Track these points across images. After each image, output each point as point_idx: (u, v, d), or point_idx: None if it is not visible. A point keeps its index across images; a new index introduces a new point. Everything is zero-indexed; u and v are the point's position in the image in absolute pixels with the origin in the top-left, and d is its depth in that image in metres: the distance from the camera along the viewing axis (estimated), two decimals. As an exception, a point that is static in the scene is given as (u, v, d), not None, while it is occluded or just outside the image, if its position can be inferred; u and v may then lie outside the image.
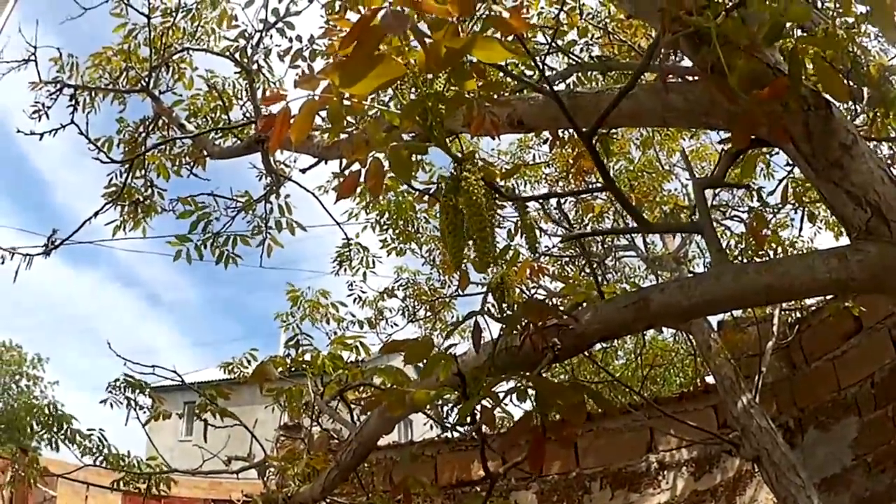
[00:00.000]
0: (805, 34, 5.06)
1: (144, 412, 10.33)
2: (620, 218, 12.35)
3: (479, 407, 3.21)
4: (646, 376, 15.07)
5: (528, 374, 3.21)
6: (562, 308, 3.69)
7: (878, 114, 5.95)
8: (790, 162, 5.25)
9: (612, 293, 4.91)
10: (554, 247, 12.86)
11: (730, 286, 3.60)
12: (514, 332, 3.32)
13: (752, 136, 3.72)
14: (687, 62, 3.94)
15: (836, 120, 3.49)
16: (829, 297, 9.98)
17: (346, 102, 2.72)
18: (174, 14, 10.11)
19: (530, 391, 3.17)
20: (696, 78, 3.75)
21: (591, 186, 10.06)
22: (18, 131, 9.60)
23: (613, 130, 9.26)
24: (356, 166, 3.01)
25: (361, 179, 3.01)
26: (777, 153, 8.25)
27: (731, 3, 3.23)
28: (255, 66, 9.63)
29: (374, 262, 12.60)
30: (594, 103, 3.98)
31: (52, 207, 79.99)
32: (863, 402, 10.04)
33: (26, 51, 9.58)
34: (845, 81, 5.02)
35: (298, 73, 8.68)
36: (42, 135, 9.61)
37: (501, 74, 4.06)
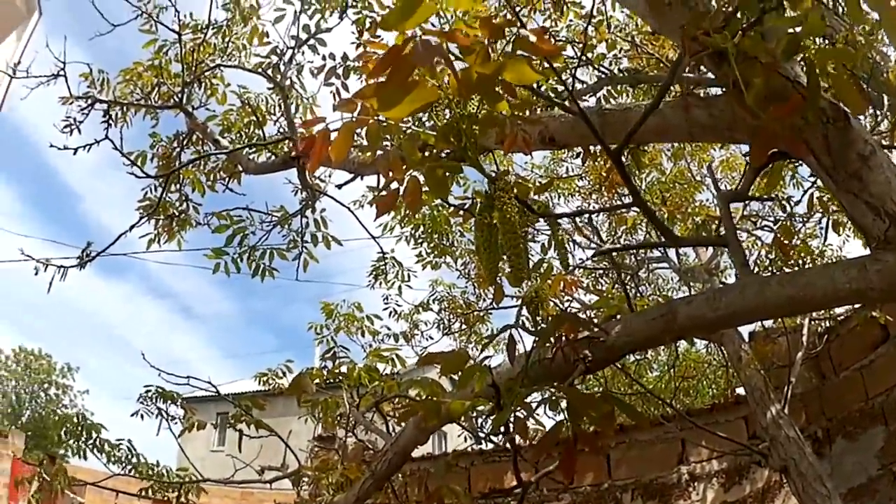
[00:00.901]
0: (826, 42, 5.14)
1: (176, 423, 10.46)
2: (653, 230, 12.38)
3: (512, 417, 3.30)
4: (678, 388, 15.08)
5: (560, 385, 3.30)
6: (593, 321, 3.77)
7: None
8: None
9: (644, 306, 5.01)
10: (587, 260, 12.88)
11: (754, 298, 3.68)
12: (547, 344, 3.40)
13: (774, 150, 3.79)
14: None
15: (855, 131, 3.56)
16: (856, 307, 9.98)
17: (382, 123, 2.82)
18: (205, 31, 10.19)
19: (562, 402, 3.25)
20: (721, 93, 3.83)
21: (621, 201, 10.12)
22: (51, 146, 9.63)
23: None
24: (394, 184, 3.10)
25: (399, 196, 3.11)
26: (802, 163, 8.35)
27: (747, 22, 3.31)
28: (287, 83, 9.75)
29: (409, 276, 12.68)
30: (622, 120, 4.08)
31: (81, 219, 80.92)
32: (889, 411, 10.03)
33: (55, 66, 9.67)
34: (865, 88, 5.07)
35: (332, 90, 8.80)
36: (76, 150, 9.70)
37: (531, 93, 4.14)
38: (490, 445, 12.52)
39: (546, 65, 3.19)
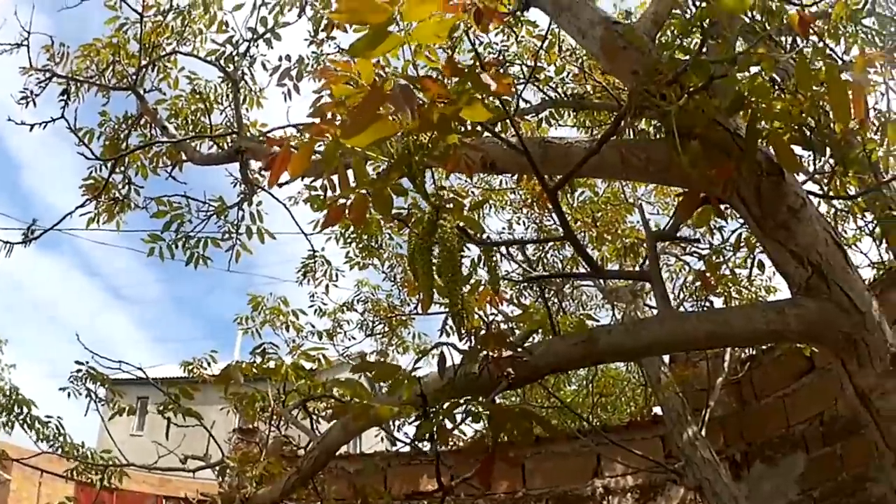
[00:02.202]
0: (775, 88, 5.38)
1: (103, 404, 10.49)
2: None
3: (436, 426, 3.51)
4: (596, 403, 15.32)
5: (483, 398, 3.51)
6: (518, 340, 3.98)
7: (837, 172, 6.23)
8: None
9: (568, 323, 5.25)
10: (511, 273, 13.07)
11: (673, 332, 3.91)
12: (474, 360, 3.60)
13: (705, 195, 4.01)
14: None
15: (787, 185, 3.79)
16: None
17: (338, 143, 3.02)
18: (165, 15, 10.26)
19: (484, 415, 3.46)
20: (659, 137, 4.04)
21: (552, 217, 10.33)
22: (9, 119, 9.73)
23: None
24: (340, 197, 3.29)
25: (345, 211, 3.29)
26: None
27: (694, 87, 3.53)
28: (239, 74, 9.84)
29: (337, 276, 12.81)
30: (563, 154, 4.27)
31: (21, 189, 79.58)
32: (811, 440, 10.22)
33: (19, 35, 9.76)
34: (809, 136, 5.31)
35: (284, 91, 8.91)
36: (32, 126, 9.79)
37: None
38: (406, 448, 12.74)
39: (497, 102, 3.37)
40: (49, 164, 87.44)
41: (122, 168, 10.24)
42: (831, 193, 6.57)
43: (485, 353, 3.51)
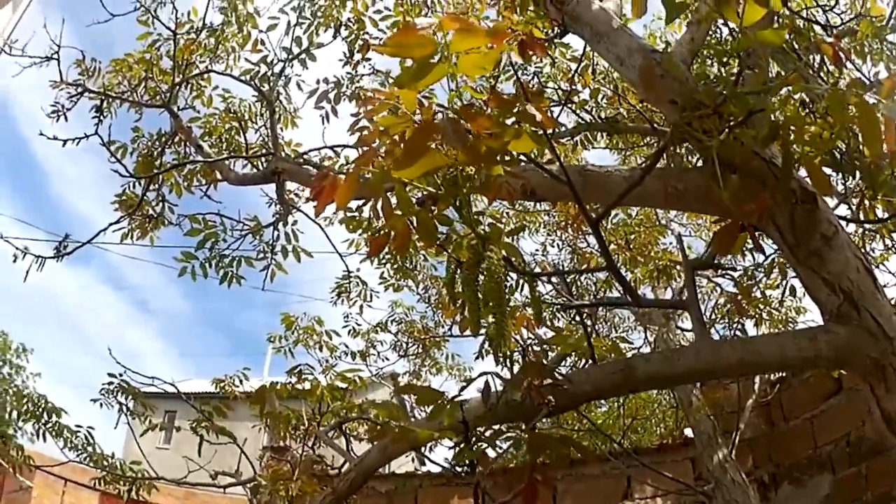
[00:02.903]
0: (807, 110, 5.41)
1: (133, 417, 10.58)
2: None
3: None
4: (627, 426, 15.30)
5: (524, 425, 3.56)
6: (552, 363, 4.02)
7: (867, 195, 6.24)
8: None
9: (602, 346, 5.27)
10: (546, 293, 13.06)
11: (708, 360, 3.96)
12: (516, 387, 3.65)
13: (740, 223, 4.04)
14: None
15: (821, 212, 3.82)
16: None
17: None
18: (198, 33, 10.35)
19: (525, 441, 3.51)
20: (698, 165, 4.08)
21: (586, 240, 10.37)
22: (41, 134, 9.73)
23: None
24: (385, 227, 3.34)
25: (389, 240, 3.34)
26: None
27: (734, 121, 3.57)
28: (274, 95, 9.92)
29: (371, 296, 12.69)
30: (603, 183, 4.32)
31: (48, 198, 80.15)
32: (837, 461, 10.26)
33: (49, 49, 9.89)
34: (840, 159, 5.32)
35: (321, 113, 8.98)
36: (65, 142, 9.83)
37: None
38: (437, 469, 12.74)
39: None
40: (76, 173, 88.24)
41: (156, 185, 10.32)
42: (861, 216, 6.58)
43: (527, 381, 3.55)
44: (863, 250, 3.98)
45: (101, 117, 9.95)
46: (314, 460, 8.68)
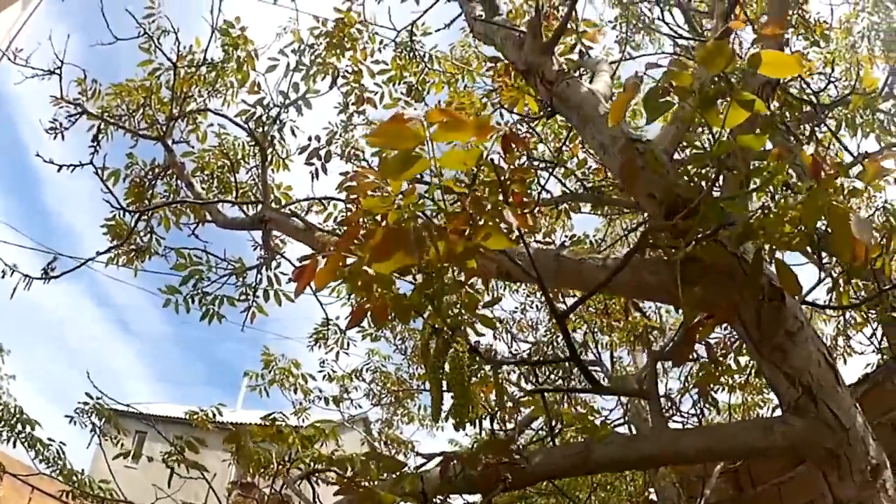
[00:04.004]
0: (786, 191, 5.57)
1: (105, 438, 10.66)
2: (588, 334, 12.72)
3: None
4: (597, 484, 15.37)
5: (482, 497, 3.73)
6: (521, 423, 4.19)
7: (842, 281, 6.38)
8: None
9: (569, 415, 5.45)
10: (522, 351, 13.16)
11: (665, 449, 4.10)
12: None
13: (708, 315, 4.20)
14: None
15: (787, 309, 3.97)
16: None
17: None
18: (198, 66, 10.59)
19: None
20: (666, 258, 4.23)
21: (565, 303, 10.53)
22: (37, 155, 9.84)
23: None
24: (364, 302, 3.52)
25: (366, 312, 3.51)
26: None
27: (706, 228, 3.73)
28: (268, 140, 10.10)
29: (348, 344, 12.84)
30: (576, 270, 4.50)
31: (40, 206, 79.94)
32: (804, 524, 10.38)
33: (53, 62, 10.09)
34: (817, 241, 5.44)
35: (311, 170, 9.16)
36: (60, 167, 9.98)
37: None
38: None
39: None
40: (70, 185, 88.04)
41: (146, 218, 10.47)
42: (835, 299, 6.73)
43: (484, 459, 3.72)
44: (828, 348, 4.06)
45: (98, 146, 10.11)
46: (280, 500, 8.76)
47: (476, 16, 7.27)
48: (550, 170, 9.26)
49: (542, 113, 7.62)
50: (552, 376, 12.54)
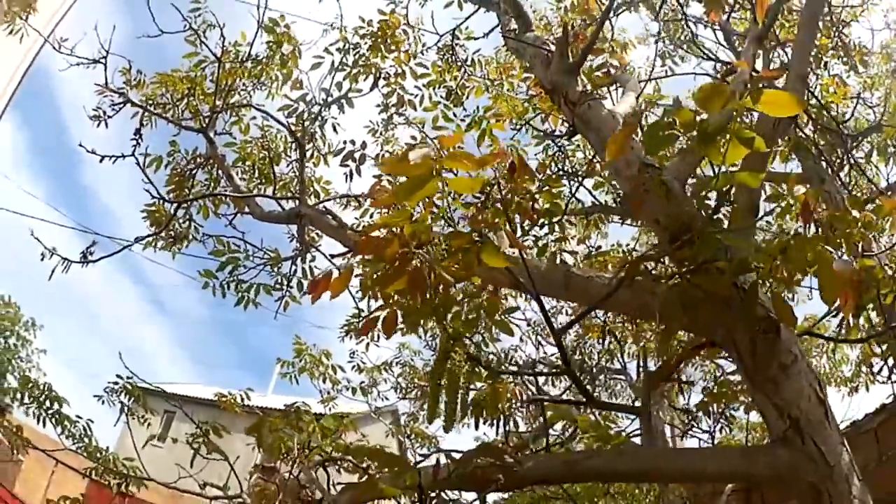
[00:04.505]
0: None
1: (133, 417, 10.88)
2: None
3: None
4: (616, 492, 15.42)
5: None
6: (537, 430, 4.44)
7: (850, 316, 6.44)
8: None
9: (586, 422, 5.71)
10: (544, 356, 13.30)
11: (649, 466, 4.35)
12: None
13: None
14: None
15: (783, 342, 4.13)
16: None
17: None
18: (243, 61, 10.87)
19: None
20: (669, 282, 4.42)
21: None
22: (80, 146, 9.85)
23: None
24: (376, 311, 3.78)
25: (377, 323, 3.77)
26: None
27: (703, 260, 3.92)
28: (307, 137, 10.36)
29: (379, 337, 12.99)
30: (584, 287, 4.73)
31: (79, 186, 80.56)
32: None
33: (98, 52, 10.22)
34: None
35: (346, 172, 9.40)
36: (102, 158, 10.07)
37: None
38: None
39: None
40: (109, 166, 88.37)
41: (186, 206, 10.74)
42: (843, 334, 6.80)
43: (479, 458, 3.97)
44: (820, 383, 4.20)
45: (140, 139, 10.29)
46: (301, 485, 8.97)
47: (510, 29, 7.43)
48: (580, 181, 9.44)
49: (564, 132, 7.81)
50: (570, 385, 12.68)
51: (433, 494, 4.10)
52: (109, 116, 10.66)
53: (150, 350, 77.15)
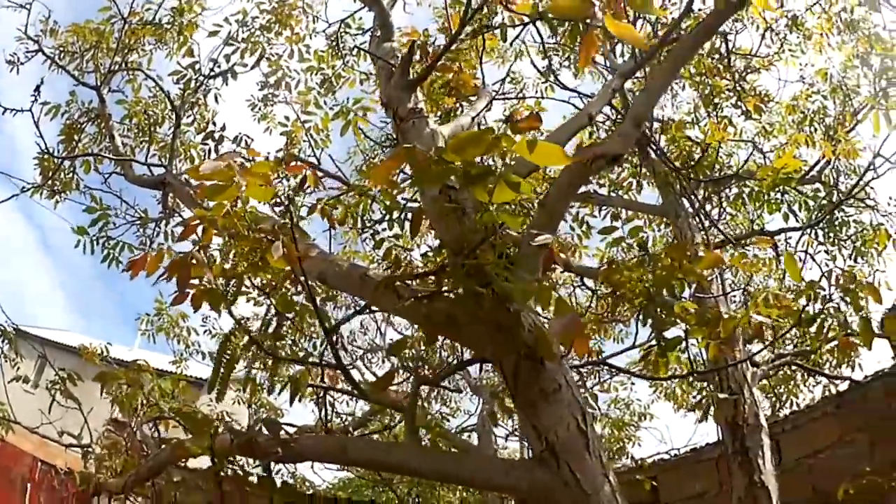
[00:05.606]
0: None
1: (6, 360, 11.16)
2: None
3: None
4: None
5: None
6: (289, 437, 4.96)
7: (654, 354, 6.37)
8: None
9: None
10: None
11: (413, 464, 4.77)
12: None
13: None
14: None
15: (547, 371, 4.40)
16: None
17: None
18: (144, 25, 11.41)
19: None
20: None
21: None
22: None
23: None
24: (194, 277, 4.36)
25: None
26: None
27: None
28: (188, 105, 11.03)
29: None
30: (370, 288, 5.19)
31: (-12, 120, 78.50)
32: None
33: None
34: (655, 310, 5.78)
35: (207, 148, 10.05)
36: (4, 110, 10.83)
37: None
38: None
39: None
40: (19, 103, 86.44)
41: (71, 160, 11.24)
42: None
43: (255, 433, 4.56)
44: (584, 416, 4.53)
45: (38, 95, 10.76)
46: (142, 441, 9.33)
47: (372, 37, 7.75)
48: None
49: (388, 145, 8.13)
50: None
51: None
52: (22, 63, 11.20)
53: (29, 290, 75.74)
